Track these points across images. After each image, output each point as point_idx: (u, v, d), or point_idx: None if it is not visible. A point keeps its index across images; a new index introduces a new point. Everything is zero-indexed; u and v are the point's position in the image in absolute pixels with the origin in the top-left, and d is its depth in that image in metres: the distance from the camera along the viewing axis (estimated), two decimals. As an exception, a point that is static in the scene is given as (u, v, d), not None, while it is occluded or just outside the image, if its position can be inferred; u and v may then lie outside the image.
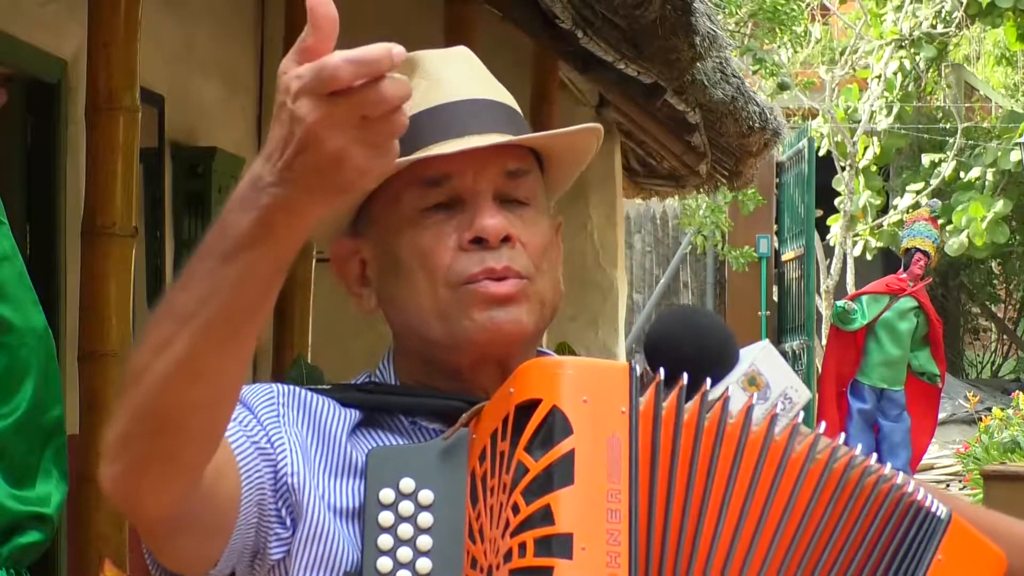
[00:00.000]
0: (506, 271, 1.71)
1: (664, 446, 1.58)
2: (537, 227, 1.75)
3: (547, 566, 1.51)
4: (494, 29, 6.79)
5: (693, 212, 16.36)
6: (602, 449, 1.55)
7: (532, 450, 1.55)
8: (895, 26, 17.86)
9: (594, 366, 1.61)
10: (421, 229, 1.72)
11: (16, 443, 2.56)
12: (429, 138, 1.72)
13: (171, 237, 6.74)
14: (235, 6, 7.32)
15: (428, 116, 1.73)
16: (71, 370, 4.17)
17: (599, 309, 8.68)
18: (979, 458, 12.25)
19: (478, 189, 1.72)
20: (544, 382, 1.58)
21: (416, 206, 1.73)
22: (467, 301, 1.70)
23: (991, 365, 21.96)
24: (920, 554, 1.62)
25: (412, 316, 1.74)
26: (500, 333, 1.70)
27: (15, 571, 2.58)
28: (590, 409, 1.57)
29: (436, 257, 1.71)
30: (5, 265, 2.58)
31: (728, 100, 7.58)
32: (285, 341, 5.60)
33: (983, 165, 18.40)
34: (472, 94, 1.76)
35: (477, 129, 1.73)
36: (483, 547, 1.57)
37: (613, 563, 1.52)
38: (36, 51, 5.51)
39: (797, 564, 1.59)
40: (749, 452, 1.61)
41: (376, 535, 1.61)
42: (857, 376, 11.55)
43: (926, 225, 11.59)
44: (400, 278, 1.74)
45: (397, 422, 1.74)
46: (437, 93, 1.75)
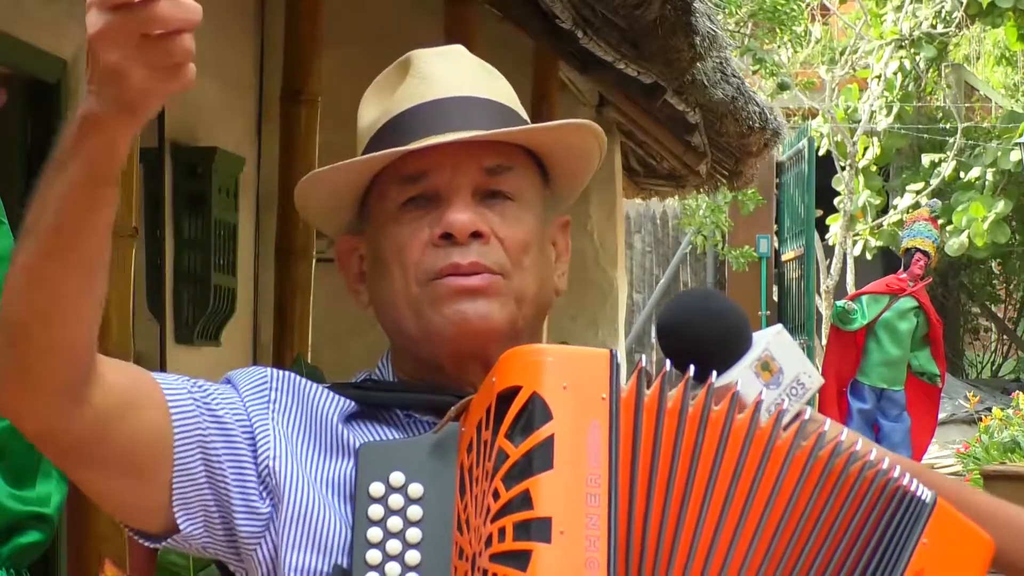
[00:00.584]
0: (473, 267, 1.71)
1: (646, 432, 1.59)
2: (520, 223, 1.75)
3: (526, 549, 1.52)
4: (494, 29, 6.79)
5: (693, 212, 16.36)
6: (582, 435, 1.56)
7: (513, 436, 1.56)
8: (895, 26, 17.86)
9: (575, 353, 1.62)
10: (399, 225, 1.74)
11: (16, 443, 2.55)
12: (413, 134, 1.74)
13: (171, 237, 6.73)
14: (235, 6, 7.32)
15: (414, 113, 1.75)
16: (71, 370, 4.16)
17: (599, 309, 8.67)
18: (979, 458, 12.25)
19: (455, 185, 1.73)
20: (525, 370, 1.59)
21: (396, 201, 1.75)
22: (435, 296, 1.72)
23: (991, 365, 21.96)
24: (905, 538, 1.62)
25: (391, 311, 1.76)
26: (468, 326, 1.71)
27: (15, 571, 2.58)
28: (570, 395, 1.57)
29: (409, 252, 1.73)
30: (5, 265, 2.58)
31: (728, 100, 7.58)
32: (285, 341, 5.59)
33: (983, 165, 18.39)
34: (461, 91, 1.76)
35: (460, 126, 1.73)
36: (469, 536, 1.58)
37: (592, 547, 1.53)
38: (36, 51, 5.51)
39: (783, 550, 1.59)
40: (734, 439, 1.60)
41: (366, 528, 1.62)
42: (857, 376, 11.56)
43: (926, 225, 11.59)
44: (382, 274, 1.76)
45: (393, 415, 1.75)
46: (425, 90, 1.76)
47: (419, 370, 1.77)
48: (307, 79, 5.61)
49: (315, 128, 5.62)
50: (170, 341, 6.74)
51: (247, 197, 7.27)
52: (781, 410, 1.64)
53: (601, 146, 1.81)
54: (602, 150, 1.82)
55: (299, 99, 5.61)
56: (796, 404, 1.68)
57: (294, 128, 5.62)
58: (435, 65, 1.78)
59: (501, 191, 1.75)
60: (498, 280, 1.72)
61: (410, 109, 1.75)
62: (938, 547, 1.63)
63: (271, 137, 6.61)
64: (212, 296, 6.87)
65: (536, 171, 1.80)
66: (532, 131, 1.77)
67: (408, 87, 1.77)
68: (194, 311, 6.85)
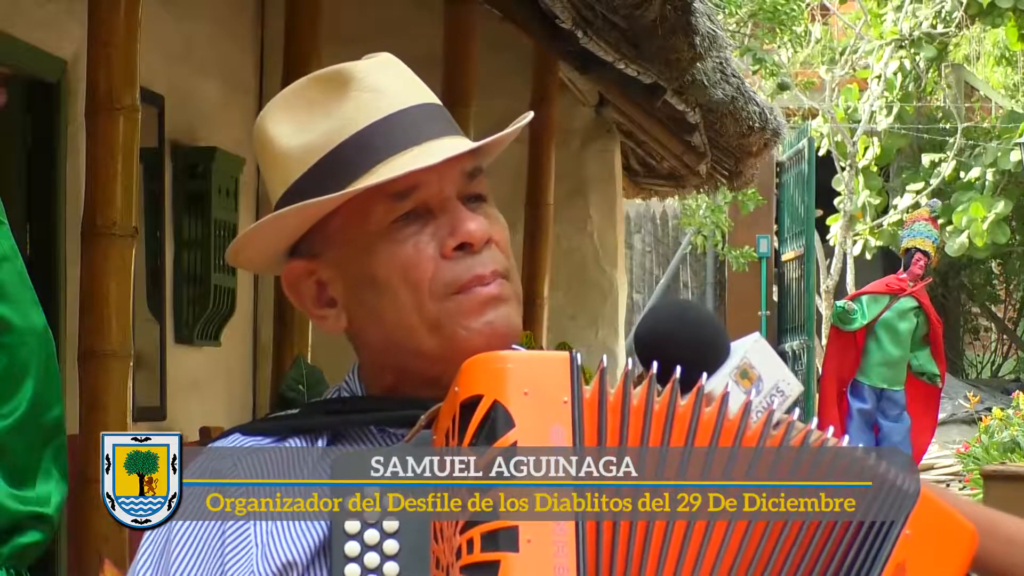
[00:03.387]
0: (494, 275, 1.71)
1: (611, 432, 1.57)
2: (499, 222, 1.75)
3: (494, 560, 1.51)
4: (494, 29, 6.79)
5: (693, 212, 16.36)
6: (544, 439, 1.55)
7: (477, 446, 1.56)
8: (895, 26, 17.86)
9: (535, 358, 1.62)
10: (396, 243, 1.70)
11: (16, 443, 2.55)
12: (387, 150, 1.70)
13: (171, 237, 6.74)
14: (235, 6, 7.33)
15: (380, 128, 1.71)
16: (71, 370, 4.17)
17: (599, 309, 8.67)
18: (979, 458, 12.25)
19: (445, 195, 1.71)
20: (486, 378, 1.58)
21: (385, 220, 1.70)
22: (459, 310, 1.69)
23: (991, 365, 21.97)
24: (887, 530, 1.60)
25: (396, 331, 1.71)
26: (496, 336, 1.70)
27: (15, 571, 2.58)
28: (531, 401, 1.57)
29: (419, 270, 1.69)
30: (5, 265, 2.58)
31: (728, 100, 7.58)
32: (285, 341, 5.59)
33: (983, 165, 18.40)
34: (415, 100, 1.74)
35: (430, 135, 1.71)
36: (443, 546, 1.57)
37: (560, 552, 1.52)
38: (36, 51, 5.51)
39: (757, 542, 1.58)
40: (701, 433, 1.59)
41: (343, 542, 1.60)
42: (857, 376, 11.55)
43: (926, 225, 11.59)
44: (380, 295, 1.72)
45: (367, 432, 1.74)
46: (382, 103, 1.73)
47: (399, 384, 1.75)
48: (307, 79, 5.60)
49: (315, 128, 5.61)
50: (170, 341, 6.75)
51: (247, 197, 7.28)
52: (771, 411, 1.63)
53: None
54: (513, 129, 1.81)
55: (299, 99, 5.61)
56: (777, 412, 1.67)
57: (294, 128, 5.61)
58: (379, 77, 1.75)
59: (478, 193, 1.74)
60: (507, 284, 1.72)
61: (373, 125, 1.71)
62: (921, 538, 1.61)
63: (271, 137, 6.60)
64: (212, 296, 6.88)
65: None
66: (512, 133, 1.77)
67: (360, 102, 1.73)
68: (194, 311, 6.85)
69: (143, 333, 6.16)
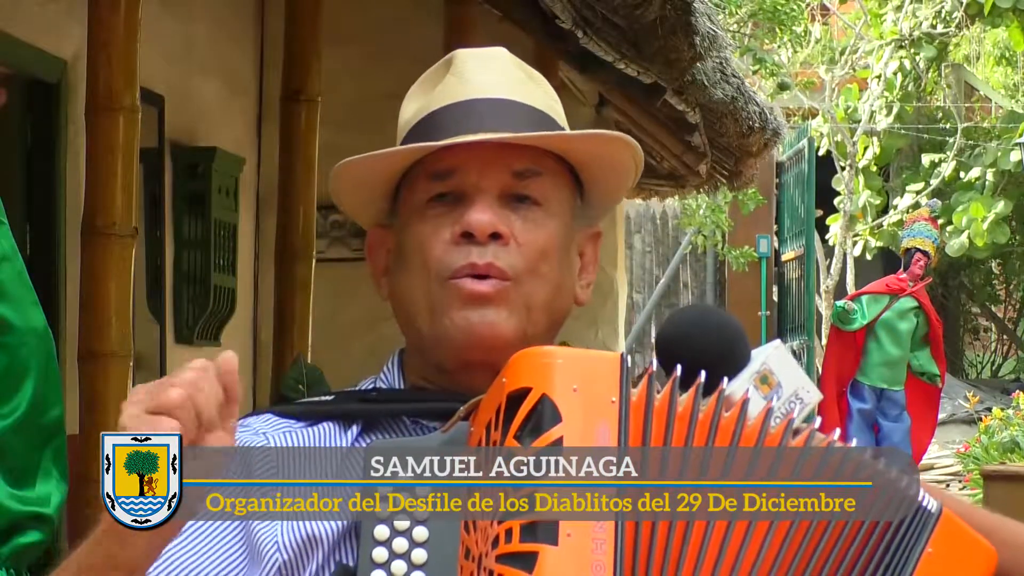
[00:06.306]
0: (488, 268, 1.71)
1: (655, 436, 1.58)
2: (542, 228, 1.75)
3: (532, 551, 1.51)
4: (494, 29, 6.79)
5: (693, 212, 16.35)
6: (591, 437, 1.55)
7: (522, 437, 1.56)
8: (895, 26, 17.86)
9: (585, 356, 1.62)
10: (423, 221, 1.74)
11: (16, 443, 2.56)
12: (445, 131, 1.74)
13: (171, 237, 6.73)
14: (235, 6, 7.32)
15: (447, 111, 1.75)
16: (71, 370, 4.17)
17: (599, 309, 8.68)
18: (979, 458, 12.25)
19: (481, 186, 1.73)
20: (535, 371, 1.59)
21: (423, 197, 1.75)
22: (447, 298, 1.72)
23: (991, 365, 21.97)
24: (910, 547, 1.62)
25: (408, 307, 1.76)
26: (474, 335, 1.71)
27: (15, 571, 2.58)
28: (580, 398, 1.57)
29: (431, 249, 1.73)
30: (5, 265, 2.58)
31: (728, 100, 7.58)
32: (285, 341, 5.59)
33: (983, 165, 18.39)
34: (497, 94, 1.76)
35: (491, 127, 1.73)
36: (475, 536, 1.57)
37: (599, 550, 1.52)
38: (36, 51, 5.51)
39: (794, 552, 1.59)
40: (744, 444, 1.60)
41: (372, 526, 1.61)
42: (857, 376, 11.55)
43: (926, 225, 11.59)
44: (404, 268, 1.77)
45: (400, 424, 1.75)
46: (462, 90, 1.77)
47: (427, 371, 1.77)
48: (307, 79, 5.61)
49: (315, 128, 5.62)
50: (170, 341, 6.75)
51: (247, 197, 7.28)
52: (791, 418, 1.64)
53: (637, 163, 1.80)
54: (638, 167, 1.81)
55: (299, 99, 5.62)
56: (797, 419, 1.68)
57: (294, 128, 5.62)
58: (474, 65, 1.79)
59: (528, 195, 1.75)
60: (507, 287, 1.72)
61: (445, 107, 1.76)
62: (943, 557, 1.62)
63: (271, 137, 6.61)
64: (212, 296, 6.88)
65: (569, 180, 1.79)
66: (559, 138, 1.76)
67: (447, 85, 1.78)
68: (194, 311, 6.85)
69: (143, 333, 6.16)
